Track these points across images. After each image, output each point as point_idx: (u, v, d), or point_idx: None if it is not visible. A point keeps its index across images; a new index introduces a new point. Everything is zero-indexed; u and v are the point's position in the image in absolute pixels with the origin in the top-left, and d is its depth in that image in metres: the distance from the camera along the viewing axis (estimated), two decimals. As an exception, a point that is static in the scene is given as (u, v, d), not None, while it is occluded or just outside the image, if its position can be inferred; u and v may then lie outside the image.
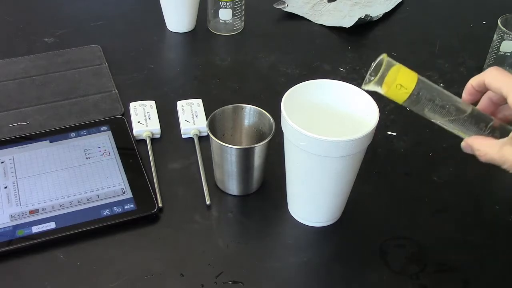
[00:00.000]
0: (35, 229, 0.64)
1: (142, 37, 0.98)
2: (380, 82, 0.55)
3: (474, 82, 0.56)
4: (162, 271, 0.62)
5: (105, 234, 0.65)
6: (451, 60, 0.95)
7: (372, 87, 0.57)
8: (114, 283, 0.61)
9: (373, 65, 0.57)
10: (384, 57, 0.56)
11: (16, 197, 0.68)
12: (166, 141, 0.78)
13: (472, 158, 0.79)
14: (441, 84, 0.89)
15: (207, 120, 0.70)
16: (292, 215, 0.69)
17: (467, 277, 0.63)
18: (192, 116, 0.78)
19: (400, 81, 0.55)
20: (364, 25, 1.01)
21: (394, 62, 0.56)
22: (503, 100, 0.54)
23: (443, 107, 0.56)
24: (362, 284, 0.62)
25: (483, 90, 0.56)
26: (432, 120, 0.57)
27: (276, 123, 0.67)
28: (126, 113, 0.80)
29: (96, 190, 0.69)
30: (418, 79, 0.56)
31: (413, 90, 0.55)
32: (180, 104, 0.81)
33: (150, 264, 0.63)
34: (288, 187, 0.68)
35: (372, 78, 0.56)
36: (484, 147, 0.54)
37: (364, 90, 0.58)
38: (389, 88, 0.56)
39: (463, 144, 0.56)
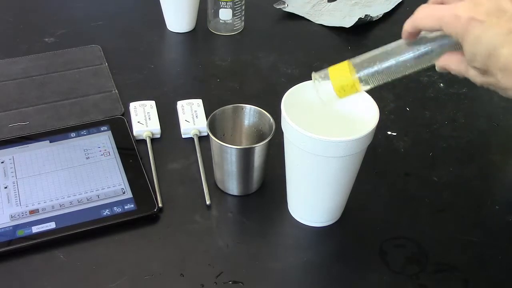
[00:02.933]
0: (35, 229, 0.64)
1: (142, 37, 0.98)
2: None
3: (408, 28, 0.54)
4: (162, 271, 0.62)
5: (105, 234, 0.65)
6: (451, 60, 0.95)
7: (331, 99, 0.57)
8: (114, 283, 0.61)
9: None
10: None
11: (16, 197, 0.68)
12: (166, 141, 0.78)
13: (472, 158, 0.79)
14: (441, 84, 0.89)
15: (207, 120, 0.70)
16: (292, 215, 0.69)
17: (467, 277, 0.63)
18: (192, 116, 0.78)
19: (340, 83, 0.55)
20: (364, 25, 1.01)
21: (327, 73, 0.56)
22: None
23: (389, 67, 0.55)
24: (362, 284, 0.62)
25: (418, 31, 0.54)
26: (400, 75, 0.55)
27: (276, 123, 0.67)
28: (126, 113, 0.80)
29: (96, 190, 0.69)
30: (349, 64, 0.55)
31: (353, 77, 0.55)
32: (180, 104, 0.81)
33: (150, 264, 0.63)
34: (288, 187, 0.67)
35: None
36: (453, 66, 0.52)
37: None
38: (342, 91, 0.56)
39: (437, 69, 0.54)
